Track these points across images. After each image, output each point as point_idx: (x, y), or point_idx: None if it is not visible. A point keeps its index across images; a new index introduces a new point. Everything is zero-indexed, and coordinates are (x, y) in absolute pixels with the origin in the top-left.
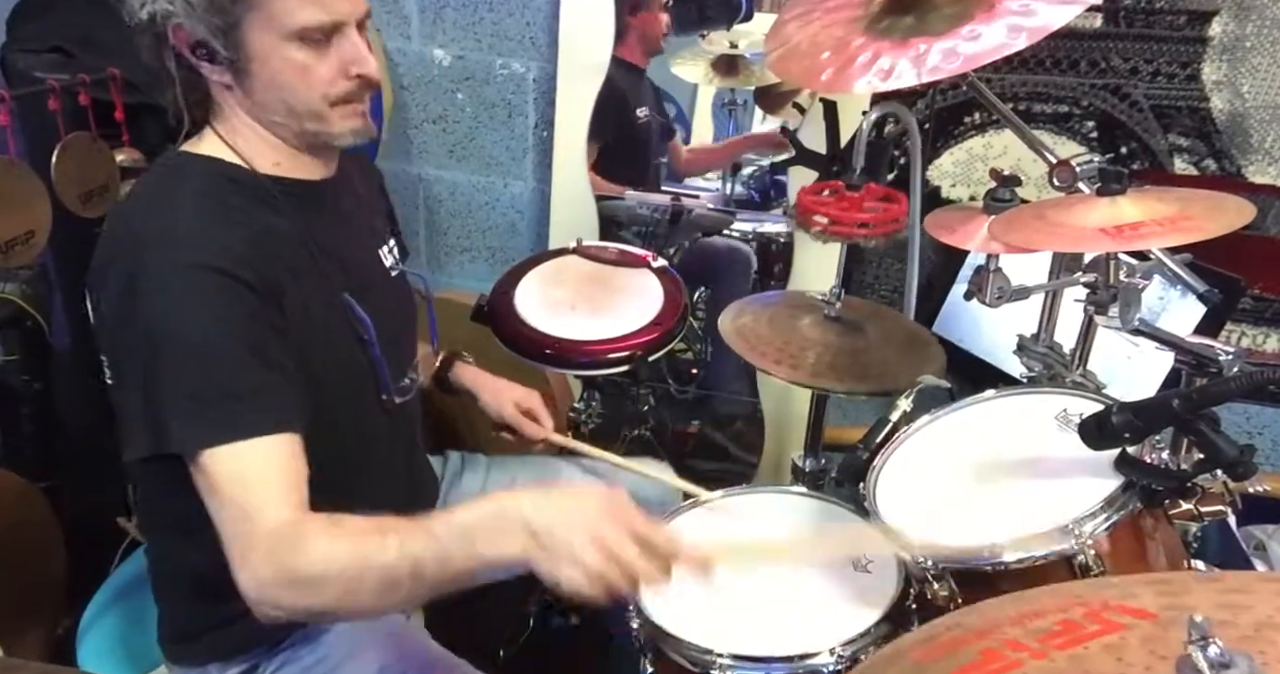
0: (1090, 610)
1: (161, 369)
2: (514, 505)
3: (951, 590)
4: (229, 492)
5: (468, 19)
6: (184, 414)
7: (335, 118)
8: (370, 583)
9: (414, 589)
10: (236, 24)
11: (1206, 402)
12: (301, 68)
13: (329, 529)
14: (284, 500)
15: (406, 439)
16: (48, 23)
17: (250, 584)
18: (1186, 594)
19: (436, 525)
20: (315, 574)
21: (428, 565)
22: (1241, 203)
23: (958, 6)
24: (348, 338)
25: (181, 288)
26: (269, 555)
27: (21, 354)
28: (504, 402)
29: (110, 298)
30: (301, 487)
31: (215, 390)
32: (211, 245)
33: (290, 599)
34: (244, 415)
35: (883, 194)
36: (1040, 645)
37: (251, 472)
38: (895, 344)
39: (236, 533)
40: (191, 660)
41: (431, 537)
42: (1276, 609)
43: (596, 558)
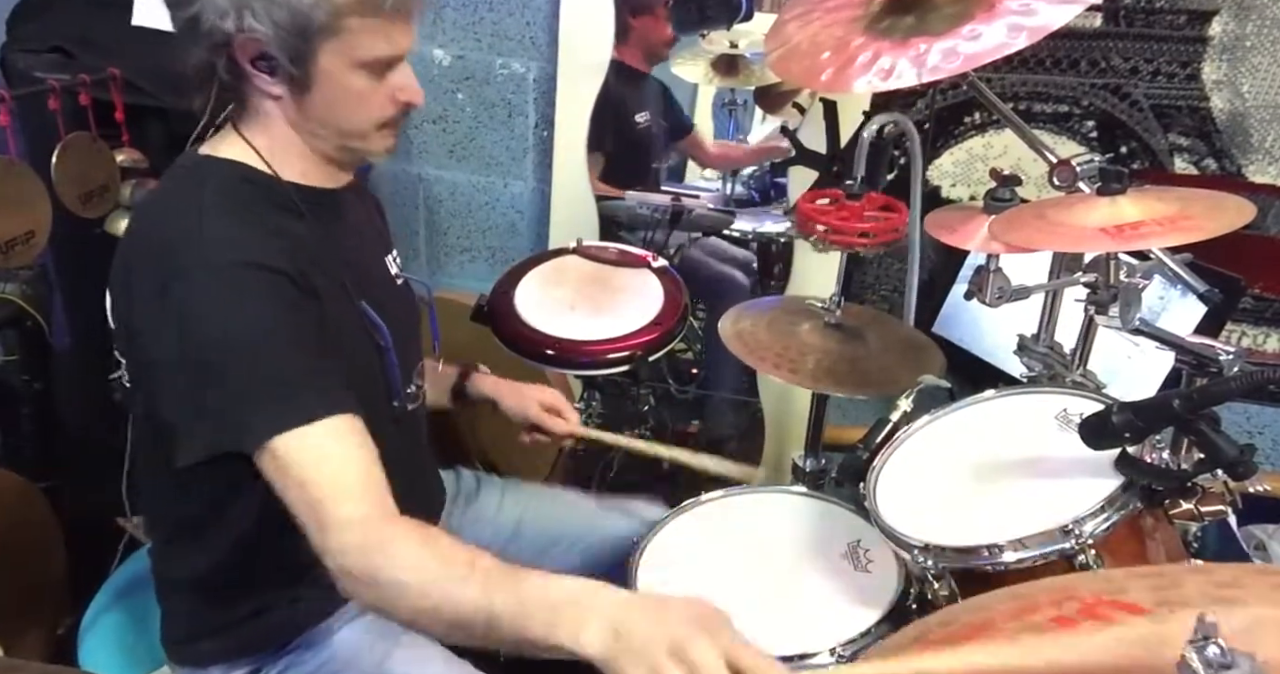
0: (1084, 605)
1: (216, 367)
2: (607, 599)
3: (951, 590)
4: (305, 474)
5: (468, 19)
6: (248, 406)
7: (376, 139)
8: (446, 616)
9: (484, 637)
10: (312, 48)
11: (1207, 401)
12: (360, 94)
13: (420, 540)
14: (364, 486)
15: (413, 447)
16: (48, 23)
17: (334, 567)
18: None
19: (525, 587)
20: (394, 580)
21: (504, 623)
22: (1241, 202)
23: (958, 6)
24: (365, 344)
25: (222, 287)
26: (353, 543)
27: (21, 354)
28: (528, 402)
29: (139, 303)
30: (376, 472)
31: (273, 381)
32: (245, 244)
33: (366, 594)
34: (307, 401)
35: (883, 203)
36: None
37: (324, 453)
38: (895, 351)
39: (316, 516)
40: (195, 662)
41: (516, 598)
42: (1269, 602)
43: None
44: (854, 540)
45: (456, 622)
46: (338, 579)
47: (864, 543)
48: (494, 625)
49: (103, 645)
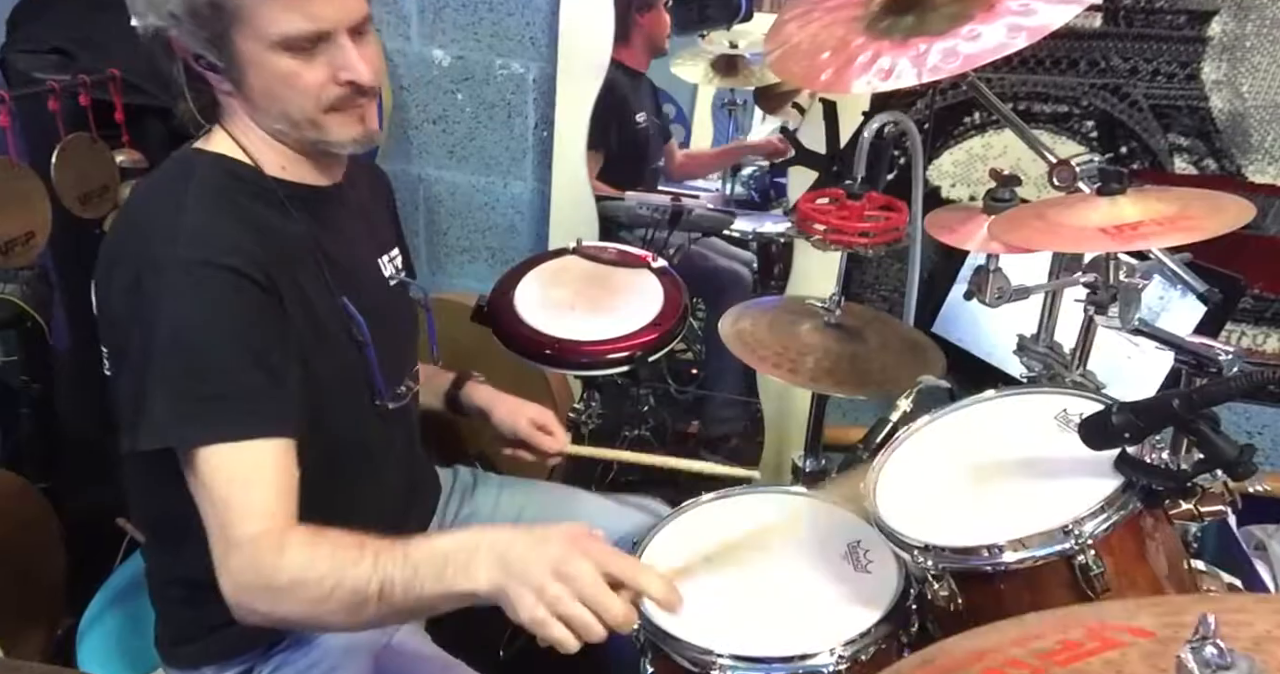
0: (1089, 629)
1: (163, 365)
2: (489, 538)
3: (951, 590)
4: (219, 492)
5: (467, 19)
6: (181, 411)
7: (333, 126)
8: (340, 598)
9: (380, 610)
10: (224, 35)
11: (1206, 401)
12: (289, 75)
13: (310, 539)
14: (272, 507)
15: (402, 446)
16: (48, 23)
17: (228, 586)
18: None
19: (413, 549)
20: (289, 581)
21: (396, 588)
22: (1241, 203)
23: (958, 6)
24: (343, 340)
25: (188, 285)
26: (249, 560)
27: (21, 354)
28: (518, 417)
29: (117, 292)
30: (291, 494)
31: (214, 390)
32: (219, 242)
33: (263, 604)
34: (240, 417)
35: (883, 203)
36: (1041, 663)
37: (242, 474)
38: (895, 351)
39: (222, 534)
40: (187, 664)
41: (406, 559)
42: (1275, 625)
43: (558, 589)
44: (854, 540)
45: (351, 601)
46: (230, 598)
47: (864, 543)
48: (387, 594)
49: (101, 646)
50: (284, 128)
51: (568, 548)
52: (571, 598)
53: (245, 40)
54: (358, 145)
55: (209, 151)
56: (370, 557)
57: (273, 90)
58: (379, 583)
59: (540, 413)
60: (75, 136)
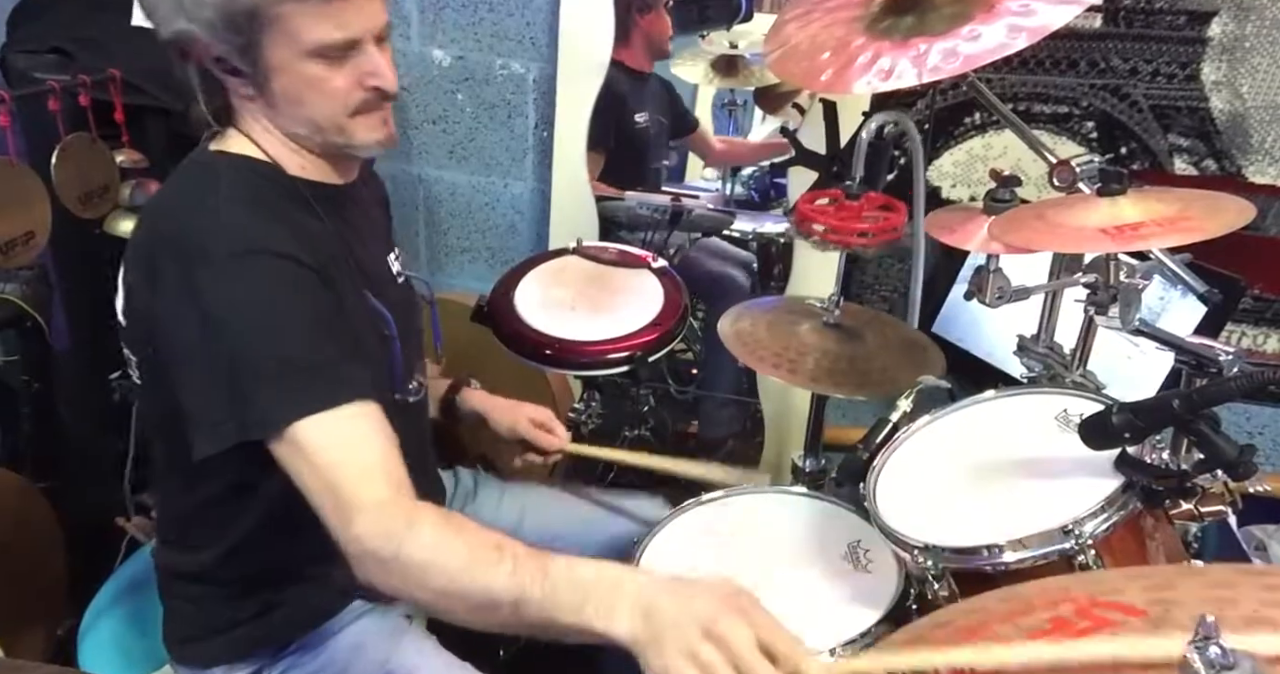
0: (1079, 607)
1: (235, 355)
2: (635, 581)
3: (951, 590)
4: (324, 459)
5: (468, 19)
6: (267, 393)
7: (357, 129)
8: (473, 597)
9: (510, 620)
10: (255, 42)
11: (1206, 402)
12: (318, 81)
13: (442, 522)
14: (386, 468)
15: (413, 441)
16: (48, 23)
17: (356, 552)
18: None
19: (553, 569)
20: (421, 562)
21: (532, 605)
22: (1241, 203)
23: (958, 6)
24: (370, 334)
25: (241, 273)
26: (378, 526)
27: (21, 354)
28: (517, 416)
29: (164, 291)
30: (395, 456)
31: (300, 364)
32: (260, 232)
33: (390, 578)
34: (333, 385)
35: (882, 203)
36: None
37: (348, 436)
38: (895, 351)
39: (341, 502)
40: (197, 662)
41: (546, 579)
42: (1262, 603)
43: (712, 655)
44: (854, 540)
45: (483, 604)
46: (358, 564)
47: (864, 543)
48: (521, 608)
49: (103, 646)
50: (307, 132)
51: (722, 607)
52: (726, 664)
53: (277, 47)
54: (380, 148)
55: (230, 153)
56: (509, 563)
57: (300, 96)
58: (515, 598)
59: (538, 411)
60: (75, 136)
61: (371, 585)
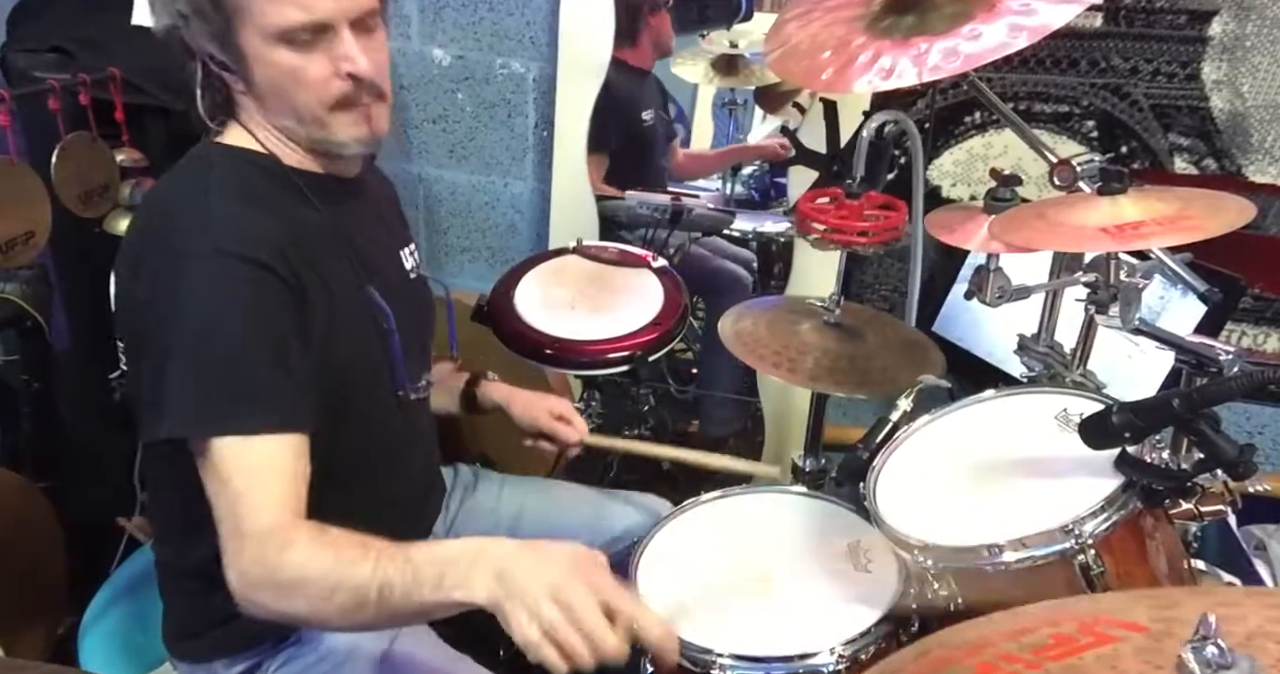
0: (1082, 624)
1: (183, 355)
2: (490, 549)
3: (951, 590)
4: (231, 484)
5: (468, 19)
6: (200, 402)
7: (338, 125)
8: (340, 597)
9: (379, 613)
10: (228, 31)
11: (1206, 401)
12: (292, 69)
13: (315, 537)
14: (281, 502)
15: (421, 439)
16: (48, 23)
17: (235, 578)
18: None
19: (415, 553)
20: (292, 579)
21: (395, 592)
22: (1241, 202)
23: (958, 6)
24: (369, 329)
25: (210, 276)
26: (256, 554)
27: (21, 354)
28: (537, 411)
29: (141, 282)
30: (300, 489)
31: (231, 381)
32: (244, 233)
33: (267, 600)
34: (257, 411)
35: (882, 202)
36: (1034, 658)
37: (255, 467)
38: (895, 351)
39: (232, 526)
40: (196, 657)
41: (407, 563)
42: (1268, 619)
43: (554, 613)
44: (854, 540)
45: (351, 601)
46: (240, 595)
47: (864, 543)
48: (386, 596)
49: (103, 645)
50: (292, 125)
51: (568, 572)
52: (566, 623)
53: (248, 35)
54: (361, 146)
55: (227, 144)
56: (372, 559)
57: (279, 86)
58: (378, 586)
59: (559, 403)
60: (75, 136)
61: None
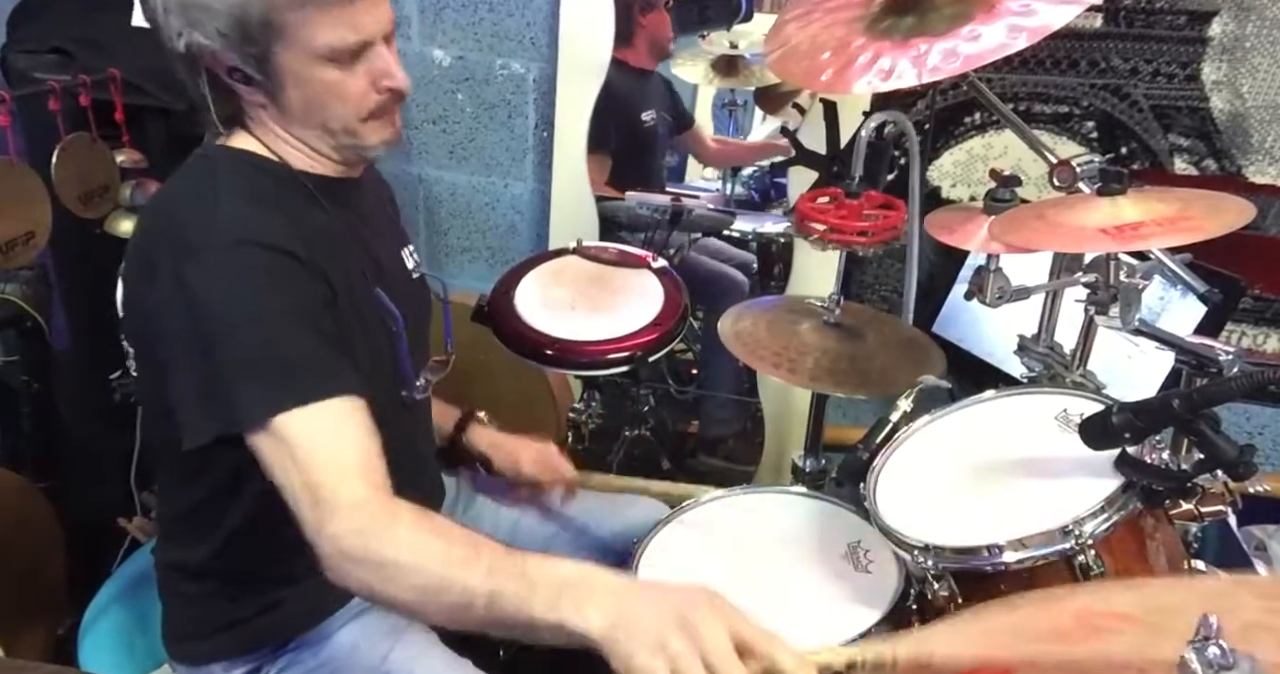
0: (1078, 616)
1: (219, 346)
2: (610, 580)
3: (951, 590)
4: (303, 455)
5: (468, 19)
6: (249, 386)
7: (369, 132)
8: (449, 597)
9: (485, 619)
10: (269, 51)
11: (1206, 402)
12: (333, 86)
13: (421, 521)
14: (366, 467)
15: (418, 438)
16: (48, 23)
17: (328, 549)
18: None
19: (531, 567)
20: (398, 561)
21: (507, 602)
22: (1241, 203)
23: (958, 6)
24: (377, 330)
25: (229, 265)
26: (355, 526)
27: (21, 354)
28: (518, 463)
29: (158, 282)
30: (377, 452)
31: (276, 359)
32: (257, 225)
33: (366, 578)
34: (317, 379)
35: (882, 201)
36: None
37: (326, 434)
38: (894, 350)
39: (318, 498)
40: (196, 660)
41: (523, 577)
42: (1260, 611)
43: (681, 646)
44: (854, 540)
45: (458, 603)
46: (331, 564)
47: (864, 543)
48: (496, 605)
49: (103, 646)
50: (318, 135)
51: (695, 603)
52: (694, 655)
53: (290, 54)
54: (387, 147)
55: (234, 148)
56: (485, 562)
57: (315, 101)
58: (490, 593)
59: (540, 451)
60: (75, 136)
61: (343, 586)
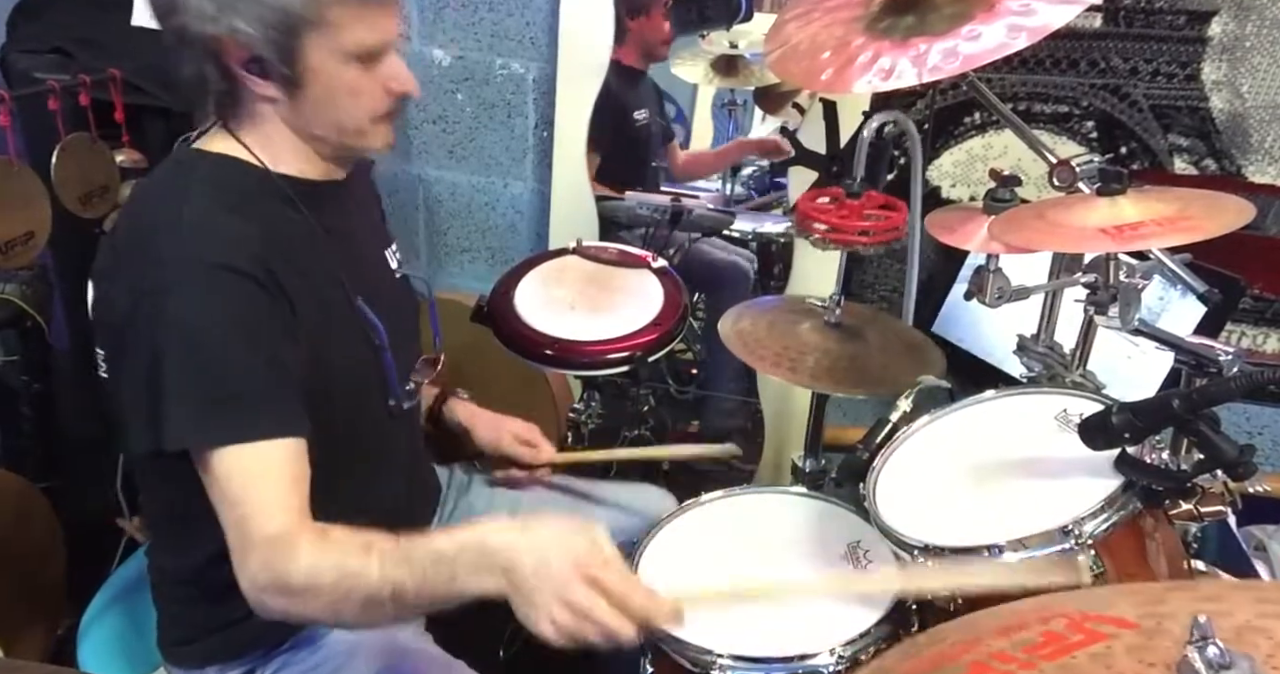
0: (1072, 621)
1: (168, 367)
2: (493, 542)
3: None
4: (232, 492)
5: (468, 19)
6: (190, 413)
7: (375, 135)
8: (355, 601)
9: (398, 609)
10: (296, 45)
11: (1206, 402)
12: (352, 87)
13: (318, 542)
14: (284, 505)
15: (410, 445)
16: (48, 23)
17: (247, 585)
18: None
19: (417, 551)
20: (303, 585)
21: (408, 590)
22: (1241, 203)
23: (958, 6)
24: (359, 342)
25: (193, 286)
26: (264, 561)
27: (21, 354)
28: (501, 433)
29: (120, 293)
30: (302, 491)
31: (222, 391)
32: (223, 241)
33: (282, 605)
34: (256, 417)
35: (882, 201)
36: (1027, 656)
37: (254, 474)
38: (895, 351)
39: (239, 533)
40: (190, 663)
41: (412, 563)
42: (1256, 614)
43: (565, 615)
44: (854, 540)
45: (368, 604)
46: (250, 598)
47: (864, 543)
48: (401, 596)
49: (102, 646)
50: (326, 134)
51: (571, 575)
52: (579, 622)
53: (318, 50)
54: (386, 149)
55: (210, 151)
56: (376, 560)
57: (333, 99)
58: (391, 587)
59: (523, 428)
60: (75, 136)
61: (267, 616)
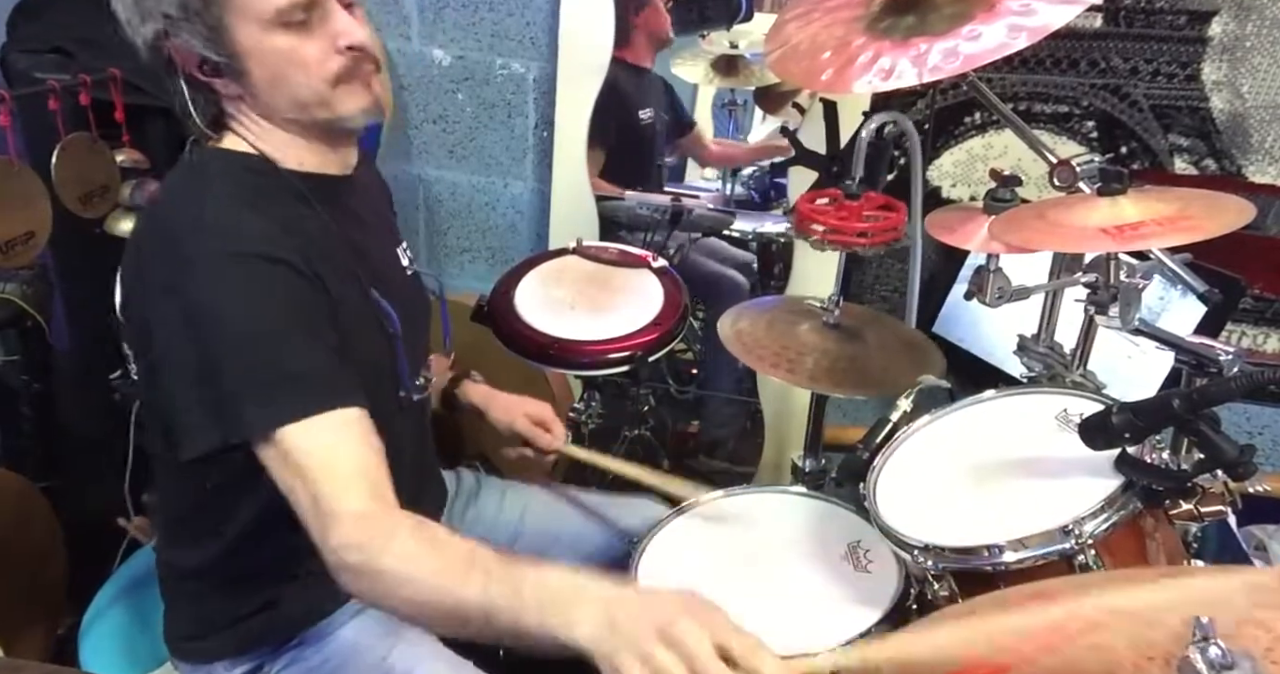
0: (1069, 611)
1: (219, 358)
2: (597, 588)
3: (952, 590)
4: (308, 468)
5: (468, 19)
6: (252, 398)
7: (342, 99)
8: (444, 609)
9: (482, 631)
10: (220, 24)
11: (1206, 401)
12: (290, 53)
13: (419, 533)
14: (366, 479)
15: (417, 439)
16: (48, 23)
17: (332, 562)
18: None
19: (520, 578)
20: (395, 573)
21: (502, 617)
22: (1241, 203)
23: (958, 6)
24: (373, 332)
25: (225, 276)
26: (354, 537)
27: (21, 354)
28: (515, 413)
29: (152, 293)
30: (380, 464)
31: (276, 371)
32: (248, 232)
33: (366, 589)
34: (317, 390)
35: (882, 202)
36: (1031, 650)
37: (331, 445)
38: (895, 351)
39: (321, 509)
40: (198, 659)
41: (515, 591)
42: (1250, 607)
43: (667, 658)
44: (854, 540)
45: (454, 614)
46: (336, 574)
47: (864, 543)
48: (491, 617)
49: (103, 645)
50: (295, 114)
51: (678, 611)
52: (679, 667)
53: (242, 26)
54: (368, 116)
55: (222, 149)
56: (480, 577)
57: (279, 74)
58: (485, 606)
59: (538, 408)
60: (75, 136)
61: (347, 593)
